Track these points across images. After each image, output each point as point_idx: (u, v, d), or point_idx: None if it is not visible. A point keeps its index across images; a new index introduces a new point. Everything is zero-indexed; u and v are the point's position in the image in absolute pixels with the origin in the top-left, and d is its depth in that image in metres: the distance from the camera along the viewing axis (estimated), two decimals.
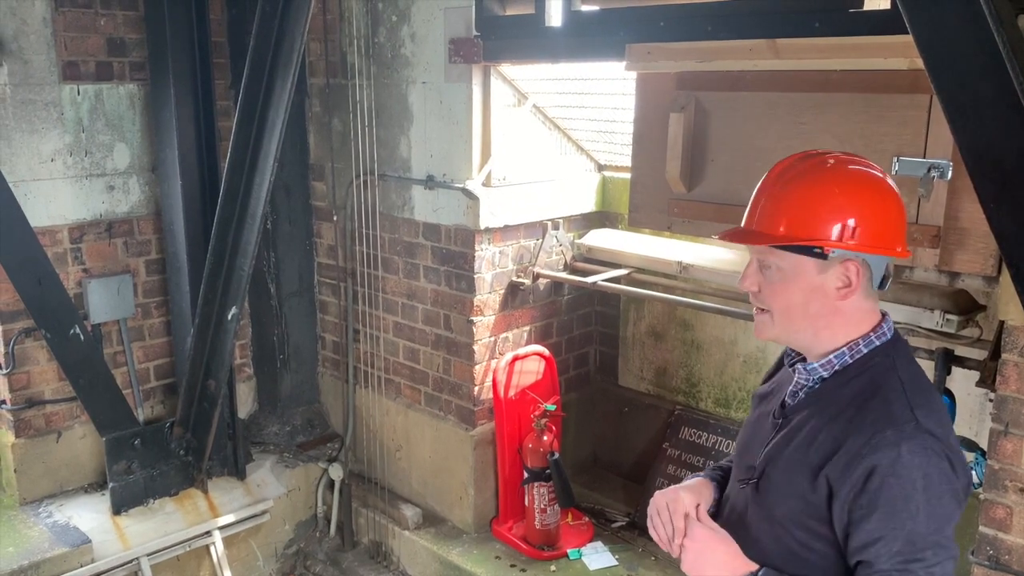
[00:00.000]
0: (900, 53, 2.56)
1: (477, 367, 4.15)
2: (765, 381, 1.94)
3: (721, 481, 1.92)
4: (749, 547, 1.70)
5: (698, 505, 1.78)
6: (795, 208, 1.60)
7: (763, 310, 1.68)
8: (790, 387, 1.74)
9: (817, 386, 1.68)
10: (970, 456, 2.87)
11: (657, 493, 1.83)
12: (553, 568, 3.98)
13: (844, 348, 1.65)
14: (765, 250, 1.63)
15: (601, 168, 4.53)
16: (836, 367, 1.66)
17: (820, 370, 1.67)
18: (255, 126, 3.54)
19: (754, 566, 1.67)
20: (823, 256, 1.58)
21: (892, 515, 1.51)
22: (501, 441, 4.14)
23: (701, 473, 1.96)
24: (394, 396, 4.60)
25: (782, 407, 1.74)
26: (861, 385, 1.62)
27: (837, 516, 1.58)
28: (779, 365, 1.91)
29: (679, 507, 1.77)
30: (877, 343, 1.65)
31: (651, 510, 1.82)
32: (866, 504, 1.53)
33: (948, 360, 2.88)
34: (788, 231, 1.59)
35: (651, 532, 1.81)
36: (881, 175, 1.65)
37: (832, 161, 1.66)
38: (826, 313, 1.63)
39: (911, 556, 1.52)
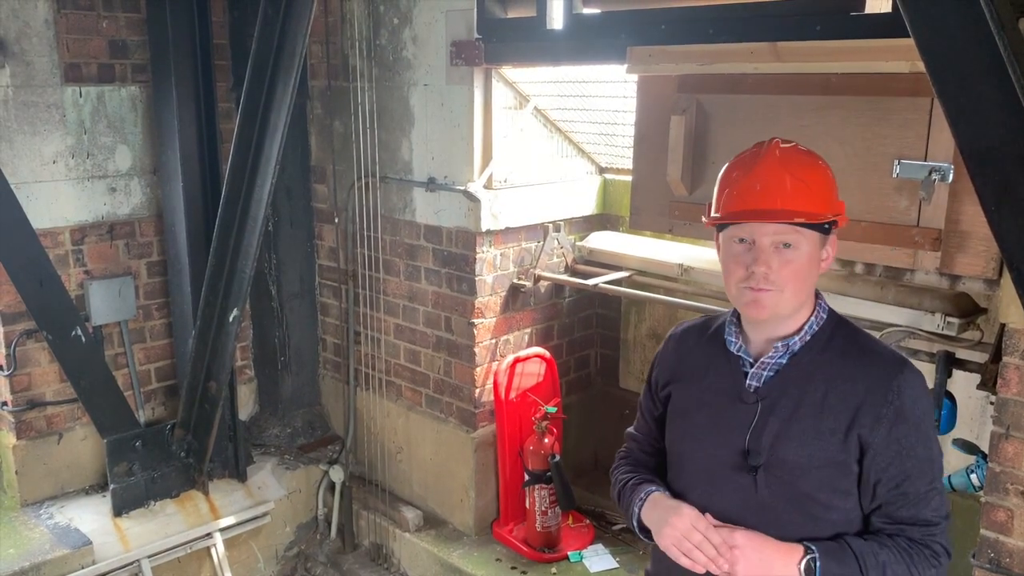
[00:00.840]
0: (901, 56, 2.57)
1: (478, 369, 4.15)
2: (668, 382, 1.92)
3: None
4: (771, 529, 1.71)
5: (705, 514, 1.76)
6: (821, 188, 1.71)
7: (765, 289, 1.68)
8: (751, 369, 1.77)
9: (785, 360, 1.74)
10: (971, 459, 2.88)
11: (673, 519, 1.74)
12: (554, 571, 3.98)
13: (812, 318, 1.76)
14: (789, 229, 1.67)
15: (602, 170, 4.53)
16: (808, 337, 1.75)
17: (798, 343, 1.75)
18: (257, 128, 3.54)
19: (799, 547, 1.68)
20: (829, 231, 1.71)
21: (919, 448, 1.68)
22: (502, 443, 4.14)
23: (652, 488, 1.88)
24: (395, 398, 4.60)
25: (753, 391, 1.75)
26: (840, 346, 1.74)
27: (868, 466, 1.69)
28: (676, 358, 1.93)
29: (703, 522, 1.72)
30: (827, 307, 1.80)
31: (673, 540, 1.73)
32: (896, 444, 1.66)
33: (949, 363, 2.87)
34: (819, 208, 1.68)
35: (682, 561, 1.72)
36: None
37: (803, 145, 1.78)
38: (813, 284, 1.75)
39: (934, 475, 1.71)
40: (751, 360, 1.79)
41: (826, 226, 1.69)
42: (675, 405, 1.91)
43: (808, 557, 1.66)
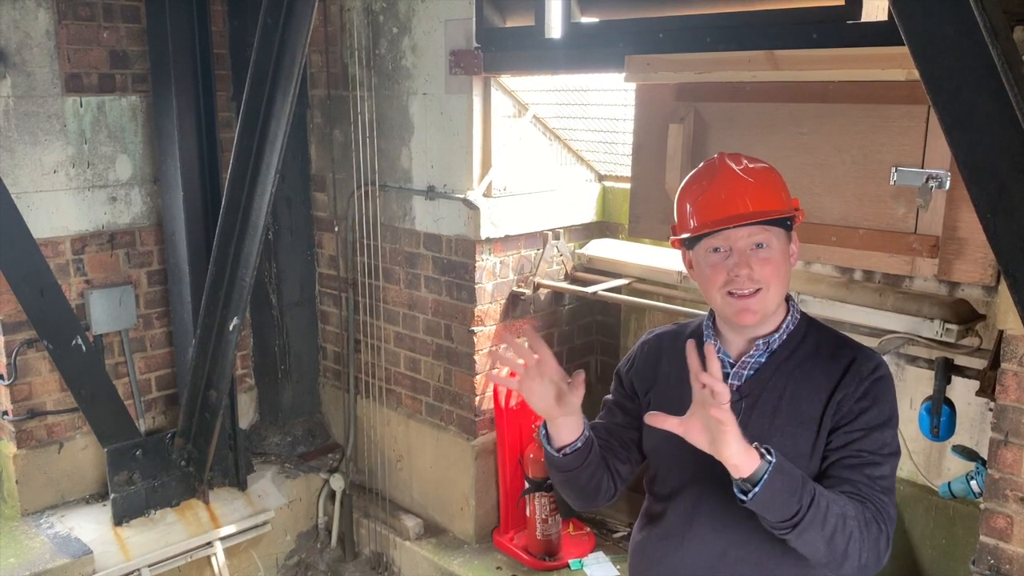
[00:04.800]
0: (898, 64, 2.58)
1: (478, 377, 4.15)
2: (647, 389, 1.94)
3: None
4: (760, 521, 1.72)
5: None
6: (777, 187, 1.80)
7: (750, 294, 1.73)
8: (731, 370, 1.82)
9: (765, 358, 1.80)
10: (970, 465, 2.88)
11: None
12: None
13: (788, 318, 1.83)
14: (759, 229, 1.74)
15: (601, 178, 4.55)
16: (785, 336, 1.81)
17: (777, 341, 1.81)
18: (256, 137, 3.55)
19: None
20: (791, 227, 1.80)
21: (883, 421, 1.74)
22: (502, 451, 4.14)
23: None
24: (395, 406, 4.60)
25: (735, 389, 1.79)
26: (814, 341, 1.82)
27: (836, 442, 1.73)
28: (653, 363, 1.96)
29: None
30: (798, 307, 1.87)
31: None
32: (864, 423, 1.72)
33: (948, 370, 2.87)
34: (782, 205, 1.77)
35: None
36: None
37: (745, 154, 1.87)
38: (789, 279, 1.82)
39: (894, 451, 1.76)
40: (731, 360, 1.84)
41: (788, 222, 1.78)
42: (656, 410, 1.91)
43: (763, 448, 1.60)
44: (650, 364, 1.98)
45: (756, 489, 1.56)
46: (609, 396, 2.09)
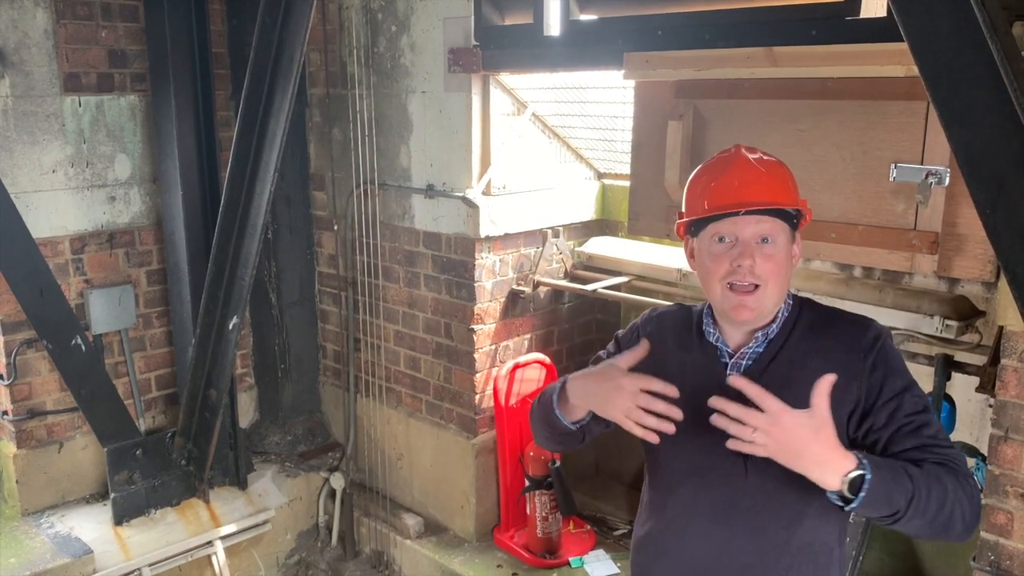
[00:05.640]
0: (897, 60, 2.58)
1: (478, 375, 4.15)
2: (643, 368, 1.88)
3: None
4: (764, 509, 1.73)
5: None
6: (789, 183, 1.80)
7: (750, 289, 1.73)
8: (729, 361, 1.82)
9: (763, 348, 1.80)
10: (971, 462, 2.88)
11: (615, 391, 1.72)
12: None
13: (783, 306, 1.82)
14: (768, 221, 1.73)
15: (600, 176, 4.54)
16: (781, 323, 1.81)
17: (775, 329, 1.81)
18: (255, 136, 3.55)
19: (851, 457, 1.58)
20: (796, 226, 1.79)
21: (904, 387, 1.72)
22: (502, 449, 4.14)
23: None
24: (395, 405, 4.60)
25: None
26: (808, 321, 1.82)
27: (879, 423, 1.71)
28: (657, 338, 1.91)
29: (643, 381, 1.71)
30: (790, 292, 1.87)
31: (624, 411, 1.72)
32: (890, 390, 1.71)
33: (948, 366, 2.88)
34: (792, 199, 1.77)
35: (636, 431, 1.71)
36: None
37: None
38: (789, 281, 1.81)
39: (927, 406, 1.73)
40: (730, 351, 1.83)
41: (794, 221, 1.77)
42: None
43: (857, 473, 1.56)
44: (654, 340, 1.92)
45: (854, 504, 1.58)
46: (602, 353, 2.06)
